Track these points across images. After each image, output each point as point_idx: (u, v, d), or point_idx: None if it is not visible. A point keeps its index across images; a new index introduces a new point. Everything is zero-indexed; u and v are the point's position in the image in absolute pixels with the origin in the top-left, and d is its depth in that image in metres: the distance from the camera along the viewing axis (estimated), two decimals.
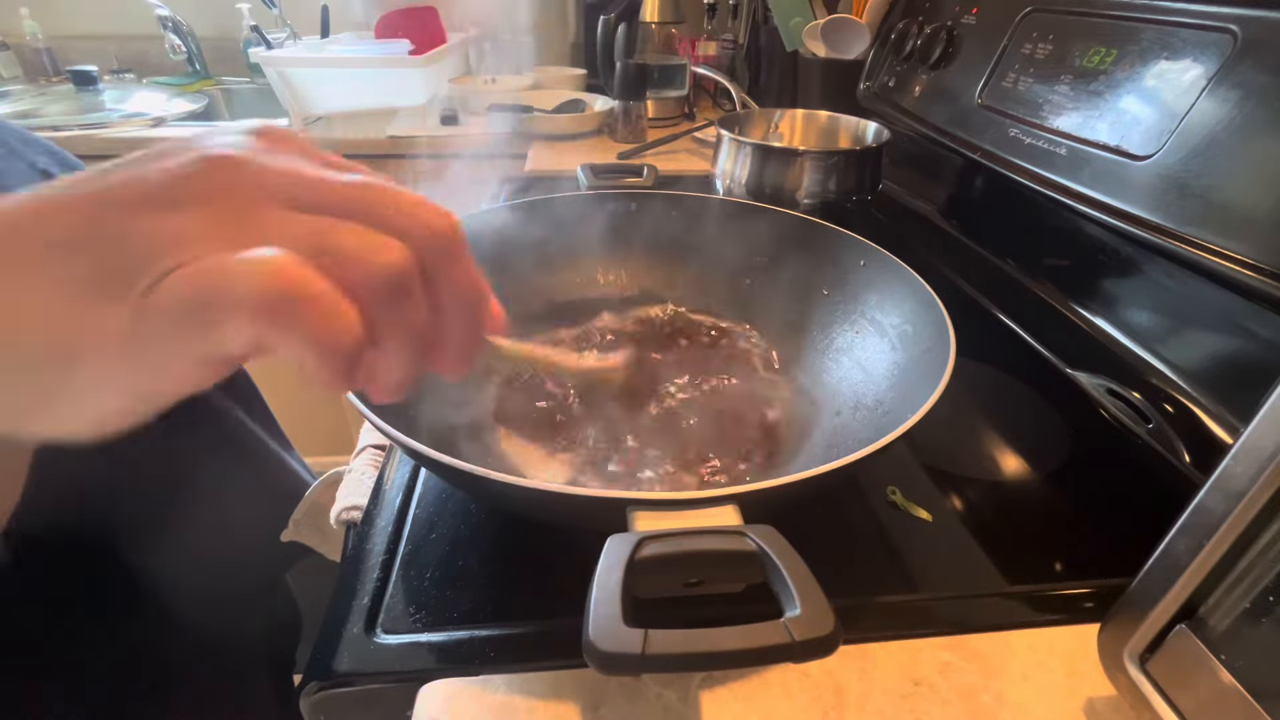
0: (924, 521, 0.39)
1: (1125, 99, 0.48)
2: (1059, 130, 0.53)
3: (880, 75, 0.84)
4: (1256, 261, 0.37)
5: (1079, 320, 0.56)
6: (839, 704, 0.29)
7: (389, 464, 0.43)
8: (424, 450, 0.28)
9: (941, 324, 0.39)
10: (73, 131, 1.08)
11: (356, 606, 0.33)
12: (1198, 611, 0.23)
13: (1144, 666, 0.25)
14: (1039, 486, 0.44)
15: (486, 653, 0.31)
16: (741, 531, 0.25)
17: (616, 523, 0.26)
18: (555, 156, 1.04)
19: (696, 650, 0.22)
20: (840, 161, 0.70)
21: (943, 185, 0.79)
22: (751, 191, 0.72)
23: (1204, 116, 0.42)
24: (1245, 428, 0.21)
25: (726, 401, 0.48)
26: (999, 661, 0.31)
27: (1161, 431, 0.45)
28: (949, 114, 0.68)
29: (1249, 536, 0.21)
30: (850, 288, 0.50)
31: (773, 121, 0.86)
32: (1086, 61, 0.52)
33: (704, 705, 0.29)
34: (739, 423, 0.46)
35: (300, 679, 0.30)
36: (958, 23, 0.70)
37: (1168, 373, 0.47)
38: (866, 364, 0.46)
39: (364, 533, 0.38)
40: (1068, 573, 0.37)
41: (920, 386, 0.35)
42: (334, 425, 1.46)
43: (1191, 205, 0.41)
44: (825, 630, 0.22)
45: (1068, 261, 0.59)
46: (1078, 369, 0.53)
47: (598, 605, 0.22)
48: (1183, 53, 0.44)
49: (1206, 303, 0.45)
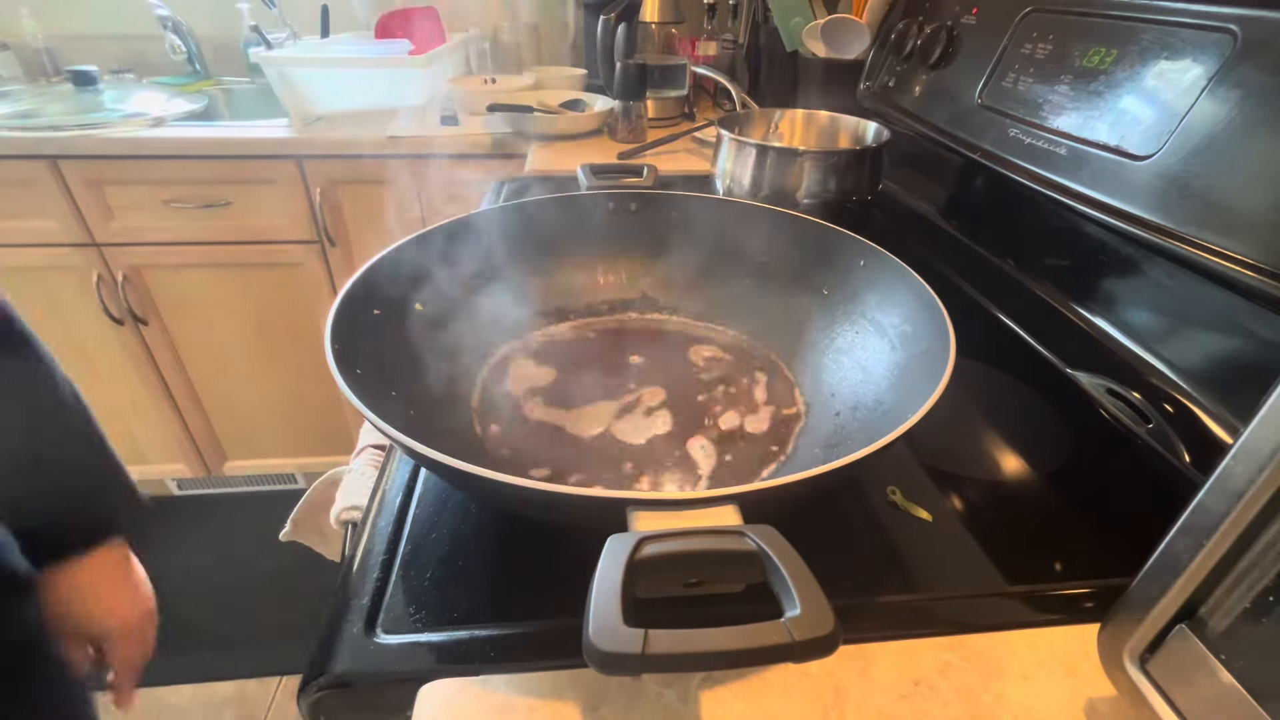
0: (924, 521, 0.39)
1: (1125, 99, 0.48)
2: (1059, 130, 0.53)
3: (880, 75, 0.84)
4: (1256, 261, 0.37)
5: (1079, 320, 0.55)
6: (839, 704, 0.29)
7: (389, 464, 0.43)
8: (424, 450, 0.28)
9: (941, 324, 0.39)
10: (72, 131, 1.08)
11: (356, 606, 0.33)
12: (1198, 611, 0.23)
13: (1144, 666, 0.25)
14: (1039, 486, 0.44)
15: (486, 653, 0.31)
16: (741, 531, 0.25)
17: (616, 523, 0.26)
18: (555, 157, 1.04)
19: (696, 650, 0.22)
20: (840, 162, 0.70)
21: (943, 185, 0.79)
22: (751, 192, 0.72)
23: (1204, 116, 0.42)
24: (1245, 428, 0.21)
25: (724, 400, 0.48)
26: (999, 661, 0.31)
27: (1161, 431, 0.45)
28: (949, 114, 0.68)
29: (1249, 536, 0.21)
30: (850, 288, 0.50)
31: (773, 121, 0.86)
32: (1086, 61, 0.52)
33: (704, 705, 0.29)
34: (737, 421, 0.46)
35: (300, 679, 0.30)
36: (958, 23, 0.70)
37: (1168, 373, 0.47)
38: (866, 364, 0.46)
39: (364, 533, 0.38)
40: (1068, 573, 0.37)
41: (920, 386, 0.35)
42: (334, 426, 1.46)
43: (1191, 205, 0.41)
44: (825, 630, 0.22)
45: (1068, 261, 0.59)
46: (1077, 369, 0.53)
47: (598, 605, 0.22)
48: (1183, 53, 0.44)
49: (1206, 303, 0.45)
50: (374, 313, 0.42)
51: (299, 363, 1.37)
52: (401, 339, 0.44)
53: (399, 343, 0.44)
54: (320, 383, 1.39)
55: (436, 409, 0.43)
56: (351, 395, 0.31)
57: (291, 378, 1.39)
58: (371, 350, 0.39)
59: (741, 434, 0.45)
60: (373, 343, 0.40)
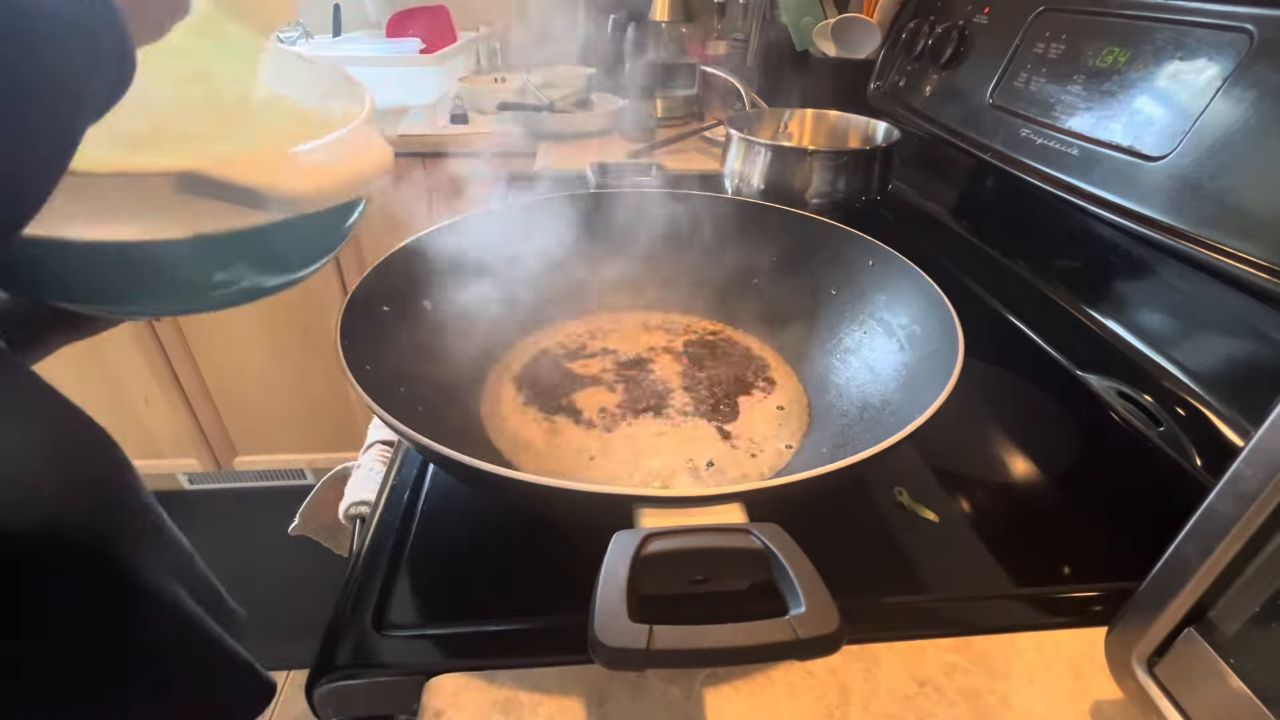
0: (931, 522, 0.39)
1: (1139, 99, 0.47)
2: (1071, 131, 0.52)
3: (891, 75, 0.84)
4: (1271, 264, 0.37)
5: (1090, 322, 0.55)
6: (843, 703, 0.29)
7: (397, 460, 0.43)
8: (432, 445, 0.28)
9: (950, 325, 0.39)
10: None
11: (364, 601, 0.33)
12: (1207, 615, 0.23)
13: (1152, 670, 0.25)
14: (1047, 489, 0.44)
15: (493, 647, 0.31)
16: (747, 529, 0.25)
17: (622, 519, 0.26)
18: (564, 155, 1.04)
19: (701, 646, 0.22)
20: (850, 161, 0.70)
21: (953, 185, 0.78)
22: (760, 191, 0.72)
23: (1219, 117, 0.41)
24: (1257, 431, 0.21)
25: (731, 398, 0.48)
26: (1005, 663, 0.31)
27: (1172, 434, 0.45)
28: (960, 114, 0.67)
29: (1259, 540, 0.21)
30: (858, 288, 0.50)
31: (782, 121, 0.86)
32: (1100, 61, 0.51)
33: (708, 702, 0.29)
34: (744, 419, 0.46)
35: (308, 672, 0.31)
36: (969, 22, 0.69)
37: (1180, 375, 0.47)
38: (874, 364, 0.46)
39: (371, 528, 0.38)
40: (1075, 575, 0.36)
41: (928, 387, 0.35)
42: (343, 422, 1.47)
43: (1205, 207, 0.41)
44: (829, 628, 0.22)
45: (1079, 263, 0.58)
46: (1088, 371, 0.53)
47: (603, 601, 0.22)
48: (1198, 53, 0.44)
49: (1219, 305, 0.44)
50: (383, 310, 0.43)
51: (309, 359, 1.38)
52: (410, 336, 0.44)
53: (408, 340, 0.44)
54: (330, 379, 1.40)
55: (445, 406, 0.44)
56: (360, 391, 0.31)
57: (301, 374, 1.40)
58: (380, 347, 0.40)
59: (748, 432, 0.45)
60: (382, 339, 0.41)
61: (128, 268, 0.27)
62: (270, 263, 0.32)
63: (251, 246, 0.29)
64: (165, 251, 0.27)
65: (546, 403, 0.47)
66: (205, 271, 0.29)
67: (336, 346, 0.35)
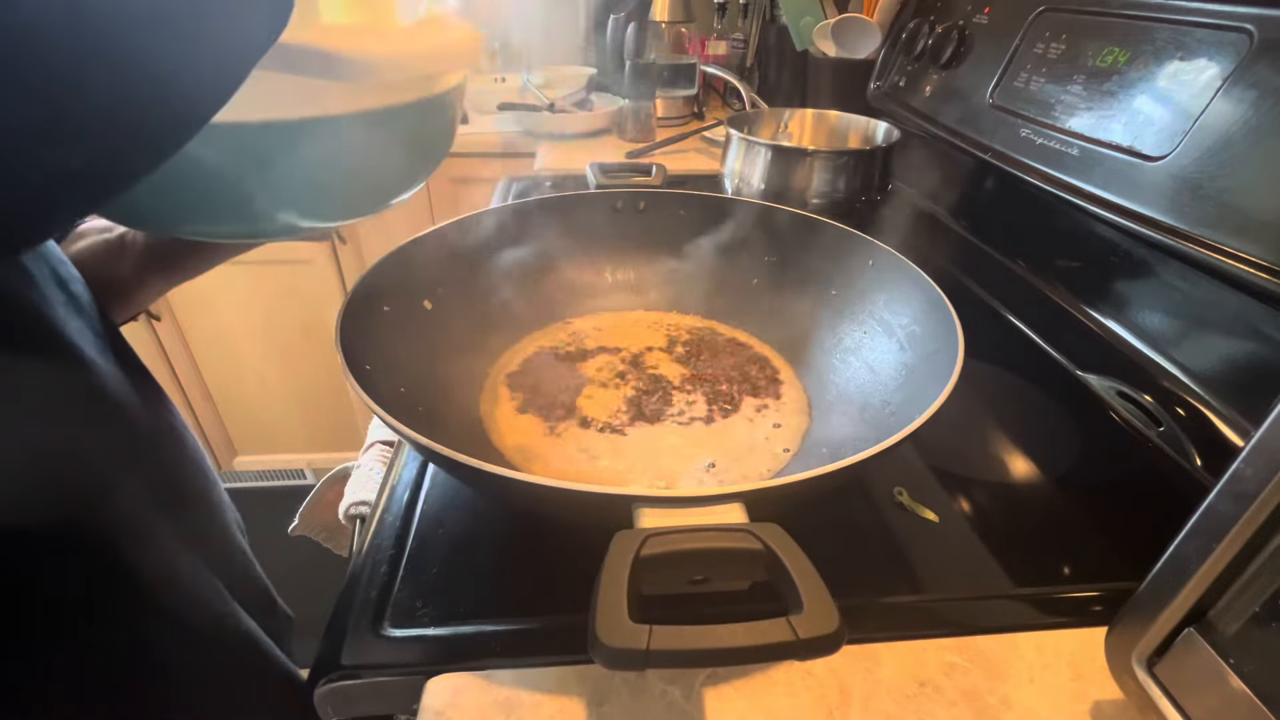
0: (931, 522, 0.39)
1: (1139, 99, 0.47)
2: (1071, 131, 0.52)
3: (891, 75, 0.84)
4: (1271, 264, 0.37)
5: (1090, 322, 0.55)
6: (843, 703, 0.29)
7: (397, 460, 0.43)
8: (432, 445, 0.28)
9: (950, 325, 0.39)
10: None
11: (364, 601, 0.33)
12: (1207, 615, 0.23)
13: (1152, 670, 0.25)
14: (1047, 489, 0.44)
15: (493, 647, 0.31)
16: (747, 529, 0.25)
17: (622, 519, 0.26)
18: (564, 155, 1.04)
19: (701, 647, 0.22)
20: (850, 161, 0.70)
21: (953, 185, 0.78)
22: (760, 191, 0.72)
23: (1219, 117, 0.41)
24: (1257, 430, 0.21)
25: (731, 399, 0.48)
26: (1005, 663, 0.31)
27: (1172, 434, 0.45)
28: (960, 114, 0.67)
29: (1259, 540, 0.21)
30: (858, 288, 0.50)
31: (782, 121, 0.86)
32: (1100, 61, 0.51)
33: (708, 702, 0.29)
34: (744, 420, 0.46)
35: (309, 672, 0.31)
36: (969, 22, 0.69)
37: (1179, 375, 0.47)
38: (874, 364, 0.46)
39: (371, 528, 0.38)
40: (1075, 575, 0.36)
41: (928, 387, 0.35)
42: (343, 422, 1.47)
43: (1205, 207, 0.41)
44: (829, 628, 0.22)
45: (1079, 263, 0.58)
46: (1088, 371, 0.53)
47: (603, 601, 0.22)
48: (1198, 53, 0.44)
49: (1219, 305, 0.44)
50: (383, 310, 0.43)
51: (309, 359, 1.38)
52: (410, 336, 0.44)
53: (408, 340, 0.44)
54: (329, 379, 1.40)
55: (444, 406, 0.44)
56: (360, 391, 0.31)
57: (301, 374, 1.40)
58: (380, 347, 0.40)
59: (748, 432, 0.45)
60: (382, 339, 0.41)
61: (245, 161, 0.28)
62: (365, 167, 0.33)
63: (340, 137, 0.30)
64: (283, 134, 0.27)
65: (547, 403, 0.47)
66: (309, 168, 0.30)
67: (336, 346, 0.35)
